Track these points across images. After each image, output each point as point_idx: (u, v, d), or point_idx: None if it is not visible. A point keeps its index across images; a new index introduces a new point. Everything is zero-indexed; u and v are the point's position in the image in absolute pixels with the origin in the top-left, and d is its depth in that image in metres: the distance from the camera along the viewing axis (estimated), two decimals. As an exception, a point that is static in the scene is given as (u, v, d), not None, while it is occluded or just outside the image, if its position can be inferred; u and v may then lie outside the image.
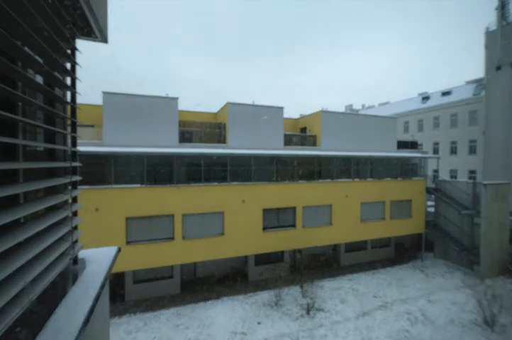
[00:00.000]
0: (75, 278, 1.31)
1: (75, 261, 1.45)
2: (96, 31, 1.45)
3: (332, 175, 14.35)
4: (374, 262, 15.80)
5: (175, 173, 11.37)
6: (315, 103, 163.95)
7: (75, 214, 1.47)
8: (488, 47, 19.88)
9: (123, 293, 11.31)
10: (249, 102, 13.67)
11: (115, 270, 10.37)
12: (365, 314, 10.52)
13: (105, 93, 10.66)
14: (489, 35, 19.83)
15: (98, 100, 11.25)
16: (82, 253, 1.62)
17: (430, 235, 17.20)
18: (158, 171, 11.32)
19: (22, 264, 0.88)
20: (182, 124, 13.18)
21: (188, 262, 11.70)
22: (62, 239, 1.27)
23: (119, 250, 1.76)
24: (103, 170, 10.60)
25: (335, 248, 15.56)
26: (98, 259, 1.54)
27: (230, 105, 12.86)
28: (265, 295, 11.76)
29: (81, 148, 9.30)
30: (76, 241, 1.45)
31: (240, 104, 13.04)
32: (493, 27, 19.73)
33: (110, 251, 1.70)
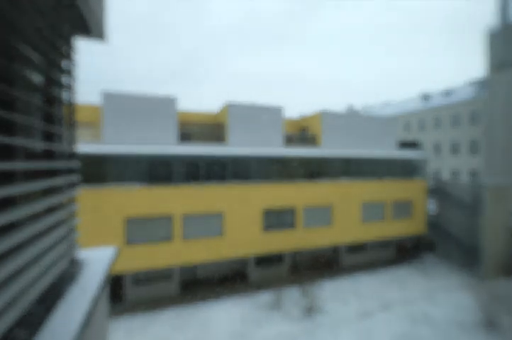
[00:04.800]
0: (73, 278, 1.30)
1: (73, 261, 1.44)
2: (95, 30, 1.44)
3: (332, 175, 14.33)
4: (374, 262, 15.76)
5: (174, 173, 11.36)
6: (315, 102, 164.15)
7: (73, 214, 1.46)
8: (490, 46, 19.85)
9: (122, 294, 11.31)
10: (249, 102, 13.66)
11: (114, 271, 10.37)
12: (366, 315, 10.49)
13: (105, 94, 10.68)
14: (491, 34, 19.80)
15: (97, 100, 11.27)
16: (80, 254, 1.61)
17: (432, 236, 17.16)
18: (157, 170, 11.32)
19: (20, 265, 0.87)
20: (182, 124, 13.17)
21: (188, 263, 11.69)
22: (60, 239, 1.26)
23: (117, 250, 1.75)
24: (102, 170, 10.60)
25: (335, 249, 15.53)
26: (96, 260, 1.54)
27: (230, 105, 12.86)
28: (265, 296, 11.74)
29: (80, 148, 9.30)
30: (74, 242, 1.45)
31: (240, 105, 13.04)
32: (495, 26, 19.70)
33: (109, 251, 1.69)
